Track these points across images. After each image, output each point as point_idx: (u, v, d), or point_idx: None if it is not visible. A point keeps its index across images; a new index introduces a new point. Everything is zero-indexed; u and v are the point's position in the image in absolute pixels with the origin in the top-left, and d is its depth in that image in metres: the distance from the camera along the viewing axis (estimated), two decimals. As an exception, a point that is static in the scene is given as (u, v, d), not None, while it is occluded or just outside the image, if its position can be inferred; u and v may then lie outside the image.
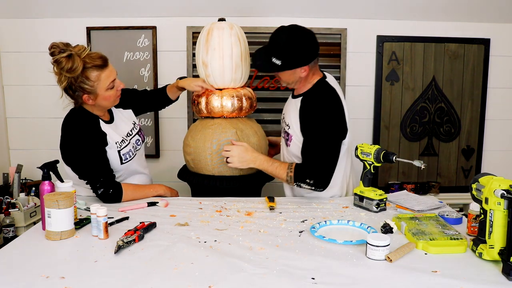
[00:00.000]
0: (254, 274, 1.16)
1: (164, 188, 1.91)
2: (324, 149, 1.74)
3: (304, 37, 1.74)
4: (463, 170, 2.98)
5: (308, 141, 1.76)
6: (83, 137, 1.72)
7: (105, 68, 1.69)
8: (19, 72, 2.81)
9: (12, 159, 2.88)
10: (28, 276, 1.15)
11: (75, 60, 1.61)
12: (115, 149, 1.78)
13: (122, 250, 1.29)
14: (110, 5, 2.66)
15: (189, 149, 2.05)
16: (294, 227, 1.51)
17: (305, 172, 1.75)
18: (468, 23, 2.82)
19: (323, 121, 1.74)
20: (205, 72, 2.03)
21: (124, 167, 1.84)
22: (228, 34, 1.99)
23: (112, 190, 1.73)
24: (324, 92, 1.79)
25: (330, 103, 1.76)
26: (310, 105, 1.77)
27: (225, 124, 2.01)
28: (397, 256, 1.24)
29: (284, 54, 1.73)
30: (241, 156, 1.85)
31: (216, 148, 1.96)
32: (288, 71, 1.77)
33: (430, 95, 2.89)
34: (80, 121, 1.75)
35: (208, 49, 1.99)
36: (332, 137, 1.75)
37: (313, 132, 1.75)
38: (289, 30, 1.75)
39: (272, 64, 1.75)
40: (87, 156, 1.72)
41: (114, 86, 1.75)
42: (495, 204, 1.18)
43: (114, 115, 1.88)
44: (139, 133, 1.98)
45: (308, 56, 1.75)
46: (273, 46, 1.76)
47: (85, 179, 1.75)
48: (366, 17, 2.79)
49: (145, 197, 1.84)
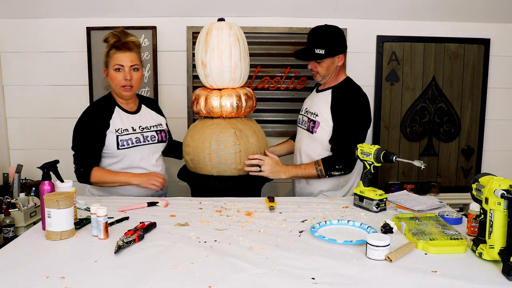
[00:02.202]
0: (254, 274, 1.16)
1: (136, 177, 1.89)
2: (353, 137, 1.91)
3: (338, 30, 1.99)
4: (463, 170, 2.98)
5: (339, 129, 1.94)
6: (87, 118, 1.92)
7: (121, 51, 1.89)
8: (19, 72, 2.81)
9: (12, 159, 2.88)
10: (28, 276, 1.15)
11: (113, 37, 1.90)
12: (114, 133, 1.90)
13: (122, 250, 1.30)
14: (110, 5, 2.66)
15: (188, 149, 2.05)
16: (294, 227, 1.51)
17: (333, 160, 1.94)
18: (468, 23, 2.82)
19: (354, 112, 1.94)
20: (204, 72, 2.03)
21: (122, 153, 1.92)
22: (227, 34, 1.99)
23: (83, 170, 1.88)
24: (354, 87, 2.02)
25: (360, 97, 1.97)
26: (343, 98, 1.97)
27: (224, 124, 2.01)
28: (397, 256, 1.24)
29: (327, 43, 1.94)
30: (273, 167, 1.99)
31: (215, 148, 1.96)
32: (329, 60, 1.96)
33: (430, 95, 2.89)
34: (96, 104, 1.99)
35: (207, 49, 1.99)
36: (360, 127, 1.96)
37: (345, 121, 1.93)
38: (325, 26, 2.00)
39: (316, 54, 1.95)
40: (80, 137, 1.91)
41: (121, 71, 1.90)
42: (495, 204, 1.18)
43: (142, 108, 2.06)
44: (159, 132, 2.05)
45: (344, 45, 2.02)
46: (314, 39, 1.97)
47: (73, 155, 1.92)
48: (366, 17, 2.79)
49: (116, 182, 1.90)
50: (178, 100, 2.82)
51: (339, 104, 1.96)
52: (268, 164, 1.98)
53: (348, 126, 1.93)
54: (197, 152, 2.00)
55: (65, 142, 2.82)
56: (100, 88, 2.75)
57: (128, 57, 1.90)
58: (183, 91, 2.82)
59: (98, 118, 1.90)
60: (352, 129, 1.93)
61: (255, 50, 2.72)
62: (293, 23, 2.77)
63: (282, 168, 2.00)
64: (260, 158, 1.99)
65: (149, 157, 2.01)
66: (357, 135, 1.94)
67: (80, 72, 2.79)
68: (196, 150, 2.00)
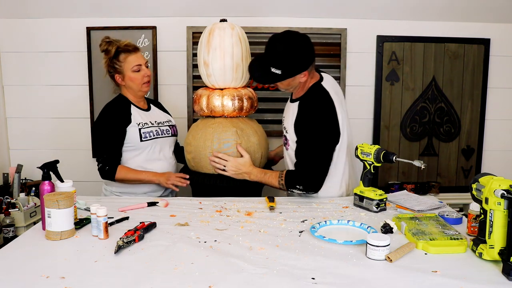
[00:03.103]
0: (254, 274, 1.16)
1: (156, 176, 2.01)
2: (314, 155, 1.76)
3: (300, 43, 1.73)
4: (463, 170, 2.98)
5: (300, 146, 1.79)
6: (107, 118, 2.02)
7: (132, 53, 2.03)
8: (19, 72, 2.80)
9: (12, 159, 2.87)
10: (28, 276, 1.15)
11: (110, 45, 2.02)
12: (136, 127, 2.02)
13: (122, 250, 1.30)
14: (110, 5, 2.66)
15: (190, 148, 2.06)
16: (294, 227, 1.51)
17: (294, 178, 1.80)
18: (468, 23, 2.82)
19: (313, 127, 1.76)
20: (206, 71, 2.05)
21: (144, 145, 2.02)
22: (230, 34, 2.01)
23: (108, 167, 1.98)
24: (317, 97, 1.79)
25: (322, 109, 1.77)
26: (303, 111, 1.79)
27: (226, 123, 2.02)
28: (397, 256, 1.24)
29: (284, 63, 1.73)
30: (238, 168, 1.92)
31: (216, 147, 1.97)
32: (288, 79, 1.78)
33: (430, 95, 2.89)
34: (111, 104, 2.07)
35: (210, 49, 2.01)
36: (322, 143, 1.77)
37: (304, 137, 1.78)
38: (284, 38, 1.75)
39: (272, 74, 1.75)
40: (103, 135, 2.01)
41: (140, 71, 2.04)
42: (495, 204, 1.18)
43: (151, 107, 2.19)
44: (171, 127, 2.20)
45: (306, 62, 1.76)
46: (270, 56, 1.75)
47: (95, 154, 2.03)
48: (366, 17, 2.79)
49: (137, 179, 2.00)
50: (178, 100, 2.82)
51: (299, 118, 1.79)
52: (231, 166, 1.91)
53: (306, 142, 1.77)
54: (198, 150, 2.01)
55: (65, 142, 2.86)
56: (100, 88, 2.76)
57: (140, 56, 2.07)
58: (183, 91, 2.82)
59: (118, 115, 2.01)
60: (311, 146, 1.76)
61: (255, 50, 2.71)
62: (293, 23, 2.77)
63: (248, 170, 1.91)
64: (224, 158, 1.93)
65: (166, 149, 2.14)
66: (318, 152, 1.76)
67: (80, 72, 2.79)
68: (198, 149, 2.01)
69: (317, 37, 2.79)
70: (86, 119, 2.82)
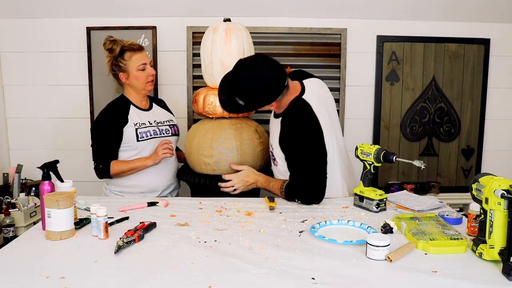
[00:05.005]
0: (254, 274, 1.16)
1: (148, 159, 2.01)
2: (307, 170, 1.72)
3: (265, 76, 1.62)
4: (463, 170, 2.98)
5: (290, 164, 1.77)
6: (103, 119, 2.03)
7: (138, 52, 2.05)
8: (19, 72, 2.81)
9: (12, 159, 2.88)
10: (28, 276, 1.15)
11: (114, 44, 2.03)
12: (133, 127, 2.02)
13: (122, 250, 1.29)
14: (110, 5, 2.66)
15: (190, 149, 2.06)
16: (294, 227, 1.51)
17: (293, 193, 1.77)
18: (468, 23, 2.82)
19: (298, 144, 1.71)
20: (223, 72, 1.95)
21: (141, 145, 2.03)
22: (246, 35, 2.07)
23: (101, 166, 2.00)
24: (298, 113, 1.72)
25: (304, 126, 1.71)
26: (286, 128, 1.73)
27: (225, 124, 2.02)
28: (397, 256, 1.24)
29: (247, 97, 1.64)
30: (245, 182, 1.92)
31: (215, 147, 1.97)
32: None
33: (430, 95, 2.89)
34: (110, 105, 2.08)
35: (230, 50, 2.01)
36: (311, 157, 1.71)
37: (292, 155, 1.75)
38: (249, 68, 1.65)
39: (236, 103, 1.66)
40: (98, 136, 2.03)
41: (145, 70, 2.05)
42: (495, 204, 1.18)
43: (153, 106, 2.19)
44: (172, 126, 2.19)
45: (272, 95, 1.67)
46: (234, 85, 1.65)
47: (92, 153, 2.04)
48: (366, 17, 2.79)
49: (133, 169, 2.01)
50: (178, 100, 2.82)
51: (284, 137, 1.75)
52: (237, 182, 1.91)
53: (298, 160, 1.73)
54: (198, 151, 2.01)
55: (65, 142, 2.86)
56: (100, 88, 2.76)
57: (145, 55, 2.09)
58: (183, 91, 2.82)
59: (116, 115, 2.03)
60: (303, 162, 1.72)
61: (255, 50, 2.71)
62: (293, 23, 2.77)
63: (254, 180, 1.91)
64: (227, 178, 1.92)
65: None
66: (308, 167, 1.71)
67: (80, 72, 2.79)
68: (197, 149, 2.01)
69: (317, 37, 2.80)
70: (86, 119, 2.82)
